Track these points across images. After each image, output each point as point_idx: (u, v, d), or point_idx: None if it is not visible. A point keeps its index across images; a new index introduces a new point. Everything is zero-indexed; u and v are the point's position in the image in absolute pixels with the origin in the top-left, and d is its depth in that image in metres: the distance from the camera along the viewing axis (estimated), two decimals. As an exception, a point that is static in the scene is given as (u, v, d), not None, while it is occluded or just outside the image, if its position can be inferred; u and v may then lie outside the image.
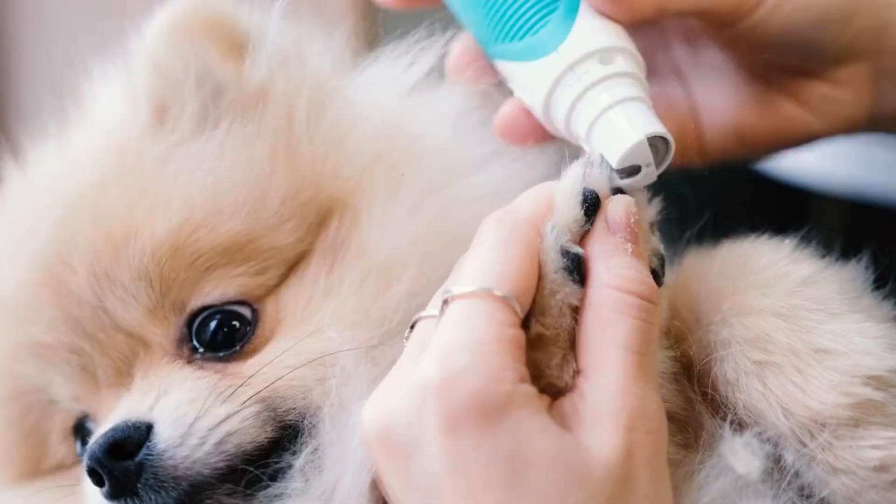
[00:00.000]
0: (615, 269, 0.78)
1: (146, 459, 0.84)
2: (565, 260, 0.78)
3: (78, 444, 0.96)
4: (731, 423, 0.83)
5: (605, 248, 0.79)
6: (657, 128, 0.82)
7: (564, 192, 0.80)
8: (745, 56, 0.98)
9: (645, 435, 0.75)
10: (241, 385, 0.87)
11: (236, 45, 0.96)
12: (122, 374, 0.92)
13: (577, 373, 0.77)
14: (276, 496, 0.84)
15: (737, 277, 0.86)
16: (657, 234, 0.83)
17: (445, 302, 0.77)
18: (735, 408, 0.83)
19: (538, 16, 0.88)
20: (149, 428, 0.85)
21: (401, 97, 0.97)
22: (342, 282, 0.90)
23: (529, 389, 0.75)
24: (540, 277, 0.78)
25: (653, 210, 0.84)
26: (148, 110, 0.95)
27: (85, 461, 0.85)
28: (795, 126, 0.98)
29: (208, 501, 0.85)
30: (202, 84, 0.94)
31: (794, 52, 0.95)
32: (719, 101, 0.99)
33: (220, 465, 0.85)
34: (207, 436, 0.85)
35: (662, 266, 0.83)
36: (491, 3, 0.90)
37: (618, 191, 0.81)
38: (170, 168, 0.92)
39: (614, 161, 0.82)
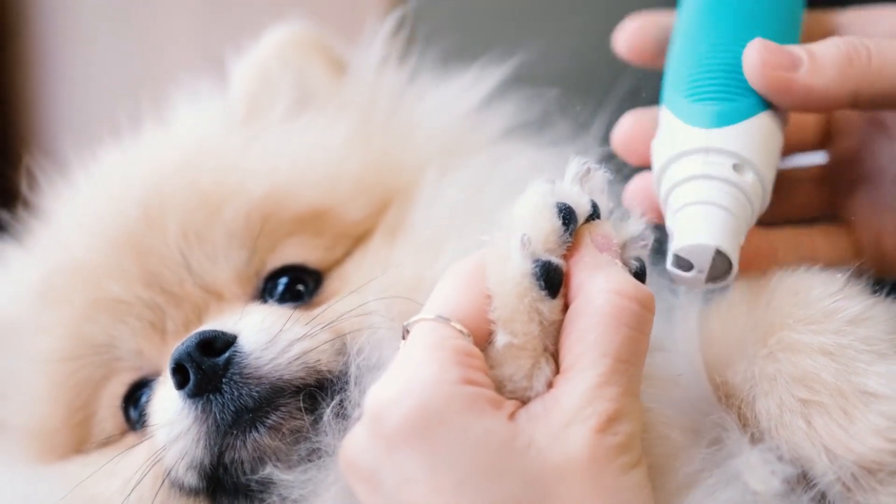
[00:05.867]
0: (614, 276, 0.76)
1: (234, 355, 0.86)
2: (534, 266, 0.76)
3: (131, 410, 0.97)
4: (752, 437, 0.80)
5: (599, 261, 0.77)
6: (728, 246, 0.81)
7: (533, 206, 0.78)
8: None
9: (613, 436, 0.72)
10: (312, 318, 0.90)
11: (334, 62, 1.07)
12: (192, 323, 0.95)
13: (554, 377, 0.75)
14: (313, 450, 0.85)
15: (785, 311, 0.81)
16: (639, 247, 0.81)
17: (403, 336, 0.78)
18: (777, 443, 0.79)
19: (722, 92, 0.85)
20: (234, 338, 0.87)
21: (461, 109, 1.05)
22: (400, 255, 0.96)
23: (475, 391, 0.73)
24: (501, 288, 0.76)
25: (637, 226, 0.81)
26: (243, 102, 1.05)
27: (171, 362, 0.86)
28: None
29: (283, 409, 0.86)
30: (298, 87, 1.05)
31: None
32: None
33: (300, 374, 0.87)
34: (290, 346, 0.87)
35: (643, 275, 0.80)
36: (692, 54, 0.88)
37: (592, 213, 0.79)
38: (257, 145, 1.01)
39: (677, 244, 0.81)
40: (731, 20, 0.88)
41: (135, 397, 0.97)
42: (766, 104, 0.86)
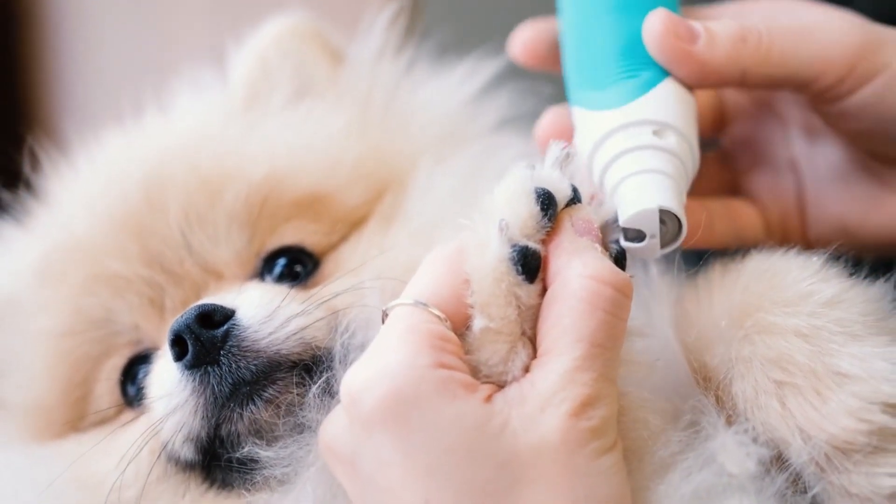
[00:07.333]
0: (591, 261, 0.76)
1: (232, 328, 0.86)
2: (511, 251, 0.76)
3: (128, 386, 0.98)
4: (727, 419, 0.80)
5: (577, 245, 0.77)
6: (671, 204, 0.81)
7: (512, 192, 0.78)
8: (850, 140, 0.94)
9: (587, 421, 0.72)
10: (309, 297, 0.91)
11: (332, 52, 1.08)
12: (191, 301, 0.94)
13: (531, 361, 0.75)
14: (296, 424, 0.85)
15: (761, 294, 0.82)
16: (618, 230, 0.81)
17: (382, 320, 0.78)
18: (753, 425, 0.79)
19: (623, 72, 0.87)
20: (233, 311, 0.88)
21: (456, 101, 1.06)
22: (395, 241, 0.97)
23: (447, 374, 0.73)
24: (479, 272, 0.76)
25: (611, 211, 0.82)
26: (243, 91, 1.05)
27: (170, 333, 0.86)
28: None
29: (280, 383, 0.86)
30: (297, 75, 1.06)
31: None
32: (828, 196, 0.97)
33: (297, 349, 0.87)
34: (288, 322, 0.88)
35: (623, 260, 0.80)
36: (586, 49, 0.89)
37: (573, 197, 0.79)
38: (257, 132, 1.02)
39: (622, 218, 0.81)
40: (615, 10, 0.89)
41: (132, 373, 0.98)
42: (668, 71, 0.87)
